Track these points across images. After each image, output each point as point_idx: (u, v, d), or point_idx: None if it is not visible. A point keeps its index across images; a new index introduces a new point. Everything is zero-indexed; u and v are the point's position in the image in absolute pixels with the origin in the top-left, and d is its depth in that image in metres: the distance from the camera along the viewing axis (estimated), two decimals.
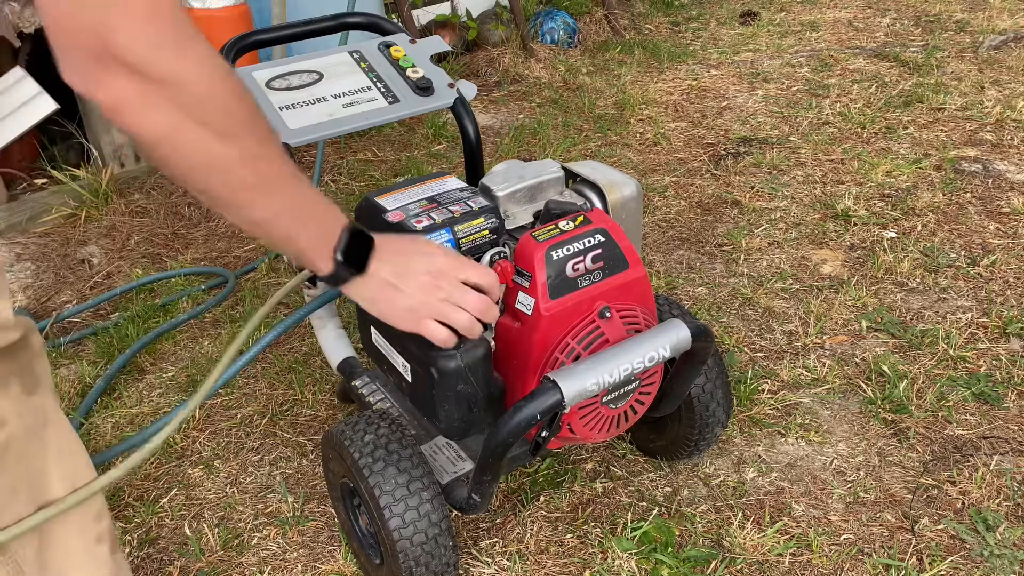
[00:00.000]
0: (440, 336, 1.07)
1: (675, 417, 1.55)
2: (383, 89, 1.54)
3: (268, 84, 1.54)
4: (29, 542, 0.91)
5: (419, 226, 1.28)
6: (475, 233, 1.29)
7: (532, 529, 1.55)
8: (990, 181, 2.73)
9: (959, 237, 2.43)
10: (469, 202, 1.33)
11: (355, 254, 0.99)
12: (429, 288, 1.04)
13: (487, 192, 1.40)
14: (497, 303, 1.13)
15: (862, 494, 1.59)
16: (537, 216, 1.40)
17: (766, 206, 2.68)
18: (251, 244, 2.64)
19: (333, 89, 1.51)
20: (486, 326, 1.36)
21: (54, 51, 0.72)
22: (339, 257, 0.97)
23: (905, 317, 2.10)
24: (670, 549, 1.48)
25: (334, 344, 1.65)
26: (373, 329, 1.39)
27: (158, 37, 0.72)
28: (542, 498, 1.61)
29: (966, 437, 1.71)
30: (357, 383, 1.58)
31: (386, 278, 1.02)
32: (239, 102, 0.82)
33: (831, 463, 1.67)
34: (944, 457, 1.67)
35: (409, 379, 1.32)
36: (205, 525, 1.61)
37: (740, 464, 1.68)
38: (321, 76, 1.53)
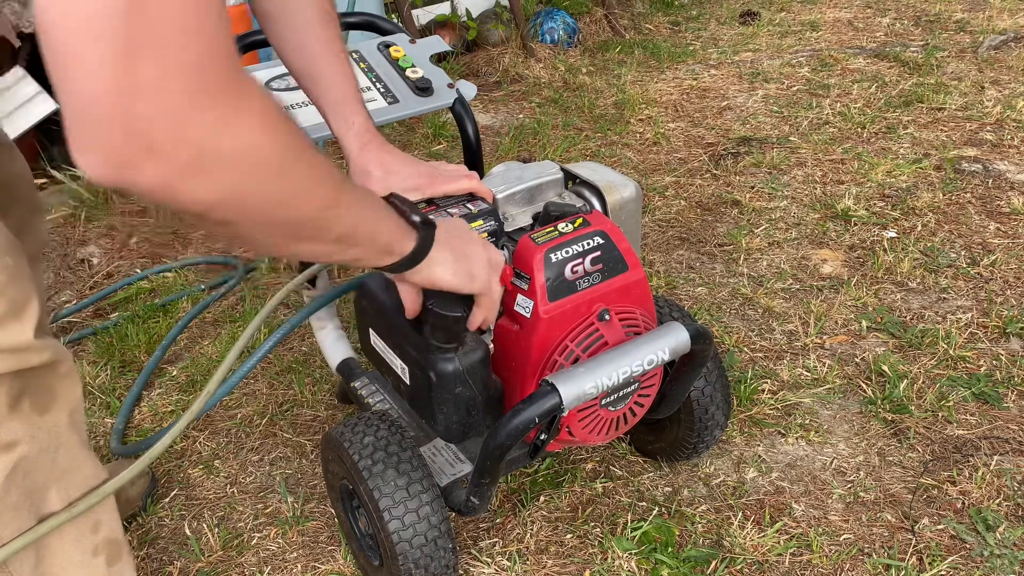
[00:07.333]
0: (493, 312, 1.08)
1: (674, 419, 1.55)
2: (383, 89, 1.54)
3: (268, 84, 1.54)
4: (26, 556, 0.92)
5: None
6: None
7: (532, 529, 1.55)
8: (990, 181, 2.73)
9: (959, 237, 2.43)
10: (468, 204, 1.33)
11: (422, 216, 0.92)
12: (487, 265, 1.06)
13: None
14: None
15: (862, 494, 1.59)
16: (536, 218, 1.40)
17: (766, 206, 2.68)
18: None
19: None
20: (483, 330, 1.35)
21: (69, 140, 0.59)
22: (416, 219, 0.90)
23: (905, 317, 2.10)
24: (670, 549, 1.48)
25: (334, 345, 1.66)
26: (371, 331, 1.39)
27: (201, 115, 0.59)
28: (542, 498, 1.61)
29: (966, 437, 1.71)
30: (356, 384, 1.58)
31: (451, 243, 1.00)
32: (293, 138, 0.70)
33: (831, 463, 1.67)
34: (944, 457, 1.67)
35: (407, 381, 1.32)
36: (205, 525, 1.61)
37: (740, 464, 1.68)
38: None
